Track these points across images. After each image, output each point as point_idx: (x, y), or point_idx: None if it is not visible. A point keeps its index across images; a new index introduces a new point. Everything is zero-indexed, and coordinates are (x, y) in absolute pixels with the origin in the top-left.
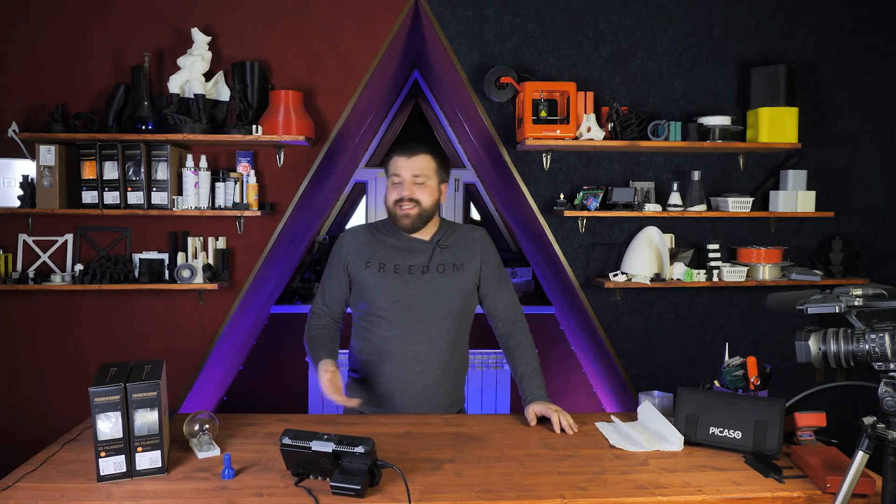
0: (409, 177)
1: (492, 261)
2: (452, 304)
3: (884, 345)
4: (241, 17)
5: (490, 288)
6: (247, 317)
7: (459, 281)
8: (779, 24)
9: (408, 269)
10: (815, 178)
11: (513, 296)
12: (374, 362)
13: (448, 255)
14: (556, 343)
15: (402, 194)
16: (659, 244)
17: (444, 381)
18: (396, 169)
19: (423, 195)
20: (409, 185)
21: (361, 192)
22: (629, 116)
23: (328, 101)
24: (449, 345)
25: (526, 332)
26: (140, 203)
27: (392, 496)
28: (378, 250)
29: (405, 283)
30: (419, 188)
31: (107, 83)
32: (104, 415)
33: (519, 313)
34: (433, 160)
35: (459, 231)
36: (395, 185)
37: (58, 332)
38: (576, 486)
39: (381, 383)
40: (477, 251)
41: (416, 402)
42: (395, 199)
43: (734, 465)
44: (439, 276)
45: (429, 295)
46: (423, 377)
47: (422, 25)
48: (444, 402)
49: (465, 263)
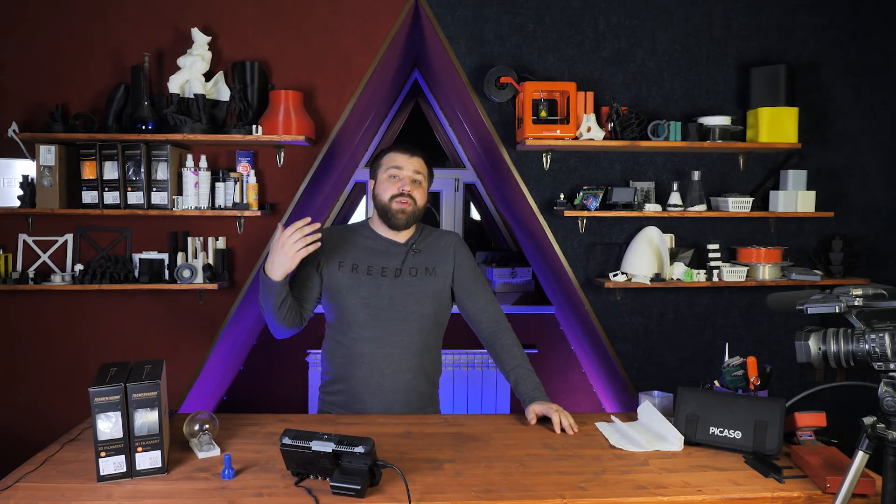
0: (410, 172)
1: (465, 264)
2: (424, 307)
3: (884, 345)
4: (241, 17)
5: (466, 290)
6: (247, 317)
7: (432, 285)
8: (779, 24)
9: (381, 272)
10: (815, 178)
11: (490, 296)
12: (344, 364)
13: (421, 259)
14: (556, 343)
15: (403, 189)
16: (659, 244)
17: (415, 383)
18: (397, 163)
19: (418, 194)
20: (409, 181)
21: (361, 192)
22: (629, 116)
23: (328, 101)
24: (420, 349)
25: (510, 333)
26: (140, 203)
27: (392, 496)
28: (351, 251)
29: (377, 285)
30: (416, 186)
31: (107, 83)
32: (104, 415)
33: (499, 313)
34: (426, 165)
35: (433, 235)
36: (394, 179)
37: (58, 332)
38: (576, 486)
39: (353, 385)
40: (450, 255)
41: (387, 405)
42: (393, 192)
43: (734, 465)
44: (412, 279)
45: (400, 298)
46: (394, 380)
47: (422, 25)
48: (415, 404)
49: (437, 267)
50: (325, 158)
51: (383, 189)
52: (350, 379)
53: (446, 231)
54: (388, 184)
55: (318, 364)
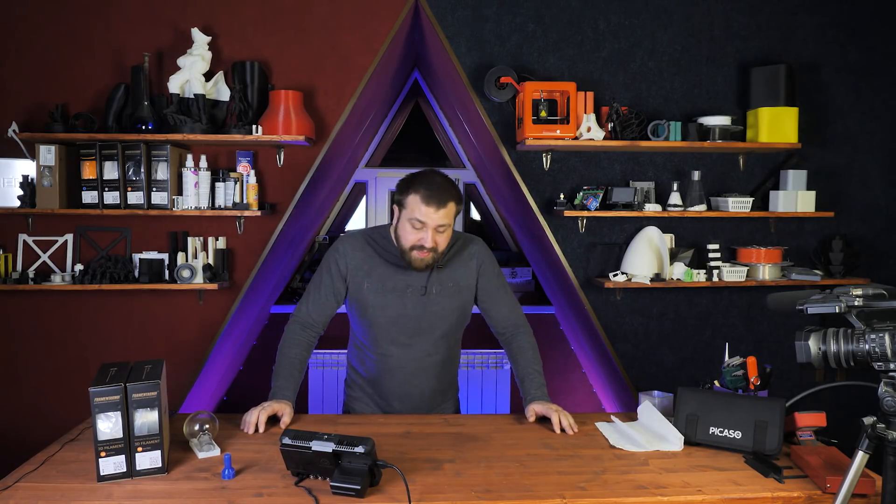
0: (434, 226)
1: (489, 272)
2: (449, 321)
3: (884, 345)
4: (241, 17)
5: (489, 297)
6: (247, 317)
7: (457, 300)
8: (779, 24)
9: (406, 290)
10: (815, 178)
11: (513, 302)
12: (372, 373)
13: (445, 275)
14: (556, 343)
15: (425, 243)
16: (659, 244)
17: (440, 387)
18: (421, 216)
19: (442, 240)
20: (432, 235)
21: (361, 192)
22: (629, 116)
23: (328, 101)
24: (444, 357)
25: (528, 336)
26: (140, 203)
27: (392, 496)
28: (377, 266)
29: (404, 304)
30: (441, 235)
31: (107, 83)
32: (104, 415)
33: (521, 318)
34: (456, 206)
35: (457, 245)
36: (416, 229)
37: (58, 332)
38: (576, 486)
39: (381, 392)
40: (473, 268)
41: (413, 407)
42: (413, 243)
43: (734, 465)
44: (436, 297)
45: (427, 317)
46: (421, 388)
47: (422, 25)
48: (438, 400)
49: (461, 282)
50: (325, 158)
51: (404, 233)
52: (378, 386)
53: (469, 238)
54: (409, 230)
55: (317, 364)
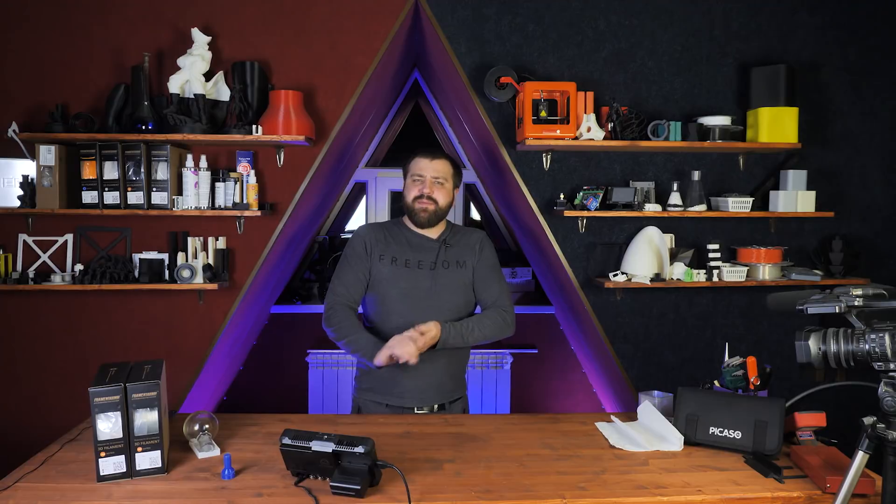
0: (431, 176)
1: (487, 258)
2: (456, 297)
3: (884, 345)
4: (241, 17)
5: (481, 279)
6: (247, 317)
7: (463, 277)
8: (779, 24)
9: (417, 265)
10: (815, 178)
11: (503, 290)
12: None
13: (452, 253)
14: (556, 343)
15: (423, 191)
16: (659, 244)
17: (449, 368)
18: (419, 168)
19: (440, 195)
20: (429, 184)
21: (361, 192)
22: (629, 116)
23: (328, 101)
24: None
25: (500, 313)
26: (140, 203)
27: (392, 496)
28: (391, 245)
29: (415, 277)
30: (438, 188)
31: (107, 83)
32: (104, 415)
33: (504, 303)
34: (451, 166)
35: (462, 232)
36: (416, 182)
37: (58, 332)
38: (576, 486)
39: (392, 370)
40: (477, 250)
41: (422, 388)
42: (415, 194)
43: (734, 465)
44: (445, 271)
45: (436, 289)
46: (431, 364)
47: (422, 25)
48: (447, 386)
49: (466, 260)
50: (325, 158)
51: (408, 191)
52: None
53: (474, 229)
54: (411, 187)
55: (317, 364)
